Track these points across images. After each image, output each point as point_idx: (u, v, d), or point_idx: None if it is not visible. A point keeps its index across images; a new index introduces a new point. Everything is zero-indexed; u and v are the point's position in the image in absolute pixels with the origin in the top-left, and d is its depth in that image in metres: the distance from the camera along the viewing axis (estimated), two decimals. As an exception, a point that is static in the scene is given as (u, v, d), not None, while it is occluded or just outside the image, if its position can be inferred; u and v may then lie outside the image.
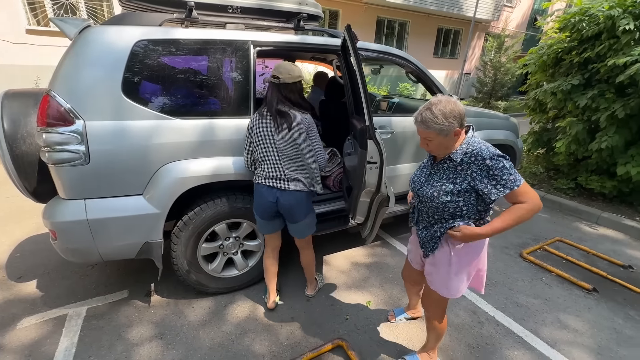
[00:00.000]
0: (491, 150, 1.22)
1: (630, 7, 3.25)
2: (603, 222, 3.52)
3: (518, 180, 1.18)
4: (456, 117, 1.20)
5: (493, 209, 1.66)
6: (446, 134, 1.21)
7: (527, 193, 1.19)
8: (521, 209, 1.19)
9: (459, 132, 1.23)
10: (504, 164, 1.18)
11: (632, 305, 2.28)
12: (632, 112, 3.23)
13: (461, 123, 1.21)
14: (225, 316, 2.05)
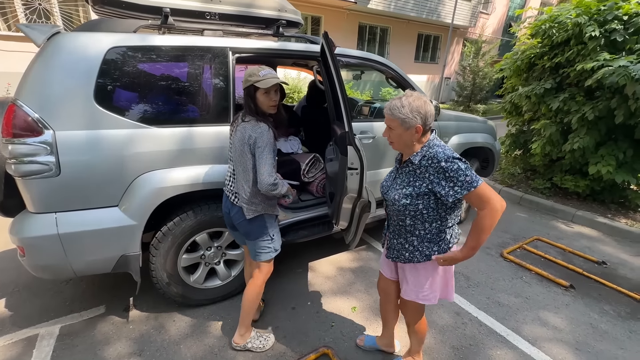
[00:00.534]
0: (447, 153, 1.23)
1: (595, 14, 3.43)
2: (578, 220, 3.66)
3: (475, 182, 1.17)
4: (421, 114, 1.22)
5: None
6: (407, 127, 1.23)
7: (485, 194, 1.18)
8: (484, 219, 1.19)
9: (420, 129, 1.23)
10: (459, 166, 1.19)
11: (607, 300, 2.37)
12: (601, 114, 3.39)
13: (424, 122, 1.23)
14: (208, 329, 1.99)
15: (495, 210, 1.18)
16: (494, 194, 1.20)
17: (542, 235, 3.29)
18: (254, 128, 1.50)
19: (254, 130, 1.50)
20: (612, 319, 2.18)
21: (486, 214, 1.18)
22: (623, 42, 3.24)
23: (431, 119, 1.26)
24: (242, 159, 1.54)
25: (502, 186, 4.48)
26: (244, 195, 1.57)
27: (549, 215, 3.84)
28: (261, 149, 1.49)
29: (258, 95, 1.52)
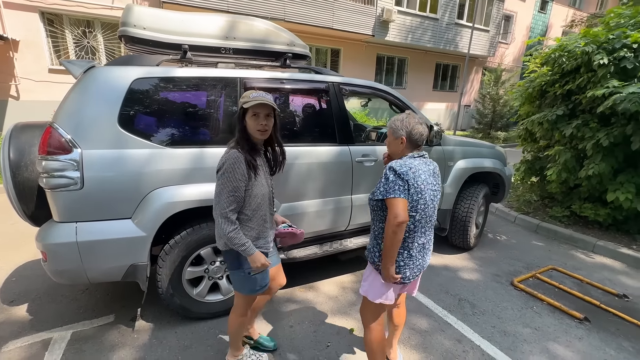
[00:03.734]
0: (395, 164, 1.40)
1: (604, 43, 3.45)
2: (599, 251, 3.46)
3: (390, 193, 1.35)
4: (407, 129, 1.44)
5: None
6: (395, 136, 1.47)
7: (391, 206, 1.34)
8: (385, 227, 1.36)
9: (404, 140, 1.44)
10: (388, 176, 1.38)
11: (626, 335, 2.21)
12: (616, 140, 3.30)
13: (409, 136, 1.44)
14: (207, 341, 2.05)
15: (389, 221, 1.34)
16: (399, 210, 1.32)
17: (558, 265, 3.15)
18: (225, 153, 1.44)
19: (224, 155, 1.43)
20: (631, 356, 2.02)
21: (387, 223, 1.35)
22: (634, 69, 3.21)
23: (418, 136, 1.44)
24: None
25: (517, 213, 4.35)
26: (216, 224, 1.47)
27: (568, 245, 3.66)
28: (220, 175, 1.40)
29: (247, 118, 1.44)
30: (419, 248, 1.48)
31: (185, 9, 8.28)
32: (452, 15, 13.12)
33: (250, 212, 1.49)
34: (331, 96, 2.46)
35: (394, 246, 1.35)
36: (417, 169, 1.40)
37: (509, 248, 3.54)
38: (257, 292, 1.60)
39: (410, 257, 1.45)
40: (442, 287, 2.72)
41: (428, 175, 1.45)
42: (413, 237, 1.44)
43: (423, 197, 1.40)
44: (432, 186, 1.46)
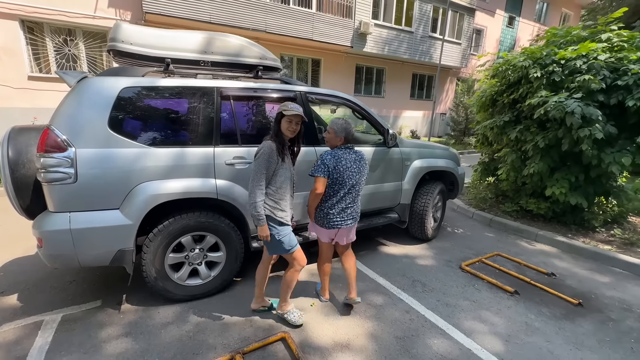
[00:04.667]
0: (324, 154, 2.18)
1: (538, 59, 3.98)
2: (540, 239, 3.94)
3: (315, 172, 2.14)
4: (346, 132, 2.20)
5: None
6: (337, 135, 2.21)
7: (315, 182, 2.13)
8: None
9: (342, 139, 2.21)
10: (318, 161, 2.17)
11: (546, 304, 2.62)
12: (550, 142, 3.81)
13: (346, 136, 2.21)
14: (187, 318, 2.31)
15: (312, 190, 2.16)
16: (318, 184, 2.13)
17: (503, 252, 3.58)
18: (262, 142, 1.99)
19: (262, 144, 1.98)
20: (546, 319, 2.43)
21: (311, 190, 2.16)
22: (561, 81, 3.74)
23: (350, 137, 2.24)
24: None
25: (475, 209, 4.81)
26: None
27: (515, 235, 4.13)
28: (257, 157, 1.94)
29: (283, 121, 2.01)
30: (339, 210, 2.24)
31: (168, 19, 8.54)
32: (426, 28, 13.89)
33: (275, 189, 2.02)
34: (298, 103, 2.81)
35: (312, 206, 2.25)
36: (341, 157, 2.17)
37: (463, 239, 3.96)
38: (293, 250, 2.11)
39: (330, 214, 2.23)
40: (399, 271, 3.08)
41: (350, 162, 2.21)
42: (333, 201, 2.22)
43: (341, 176, 2.17)
44: (353, 169, 2.21)
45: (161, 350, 2.00)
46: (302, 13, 10.45)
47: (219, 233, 2.49)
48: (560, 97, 3.44)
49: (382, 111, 14.66)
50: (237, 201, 2.50)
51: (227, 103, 2.53)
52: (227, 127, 2.53)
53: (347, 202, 2.24)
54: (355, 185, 2.25)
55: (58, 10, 7.58)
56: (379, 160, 3.22)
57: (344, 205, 2.24)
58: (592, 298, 2.74)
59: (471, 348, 2.09)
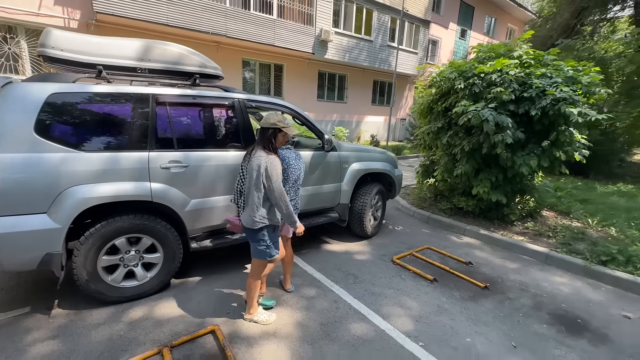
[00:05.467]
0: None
1: (463, 72, 4.46)
2: (468, 233, 4.38)
3: None
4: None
5: None
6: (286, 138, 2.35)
7: None
8: None
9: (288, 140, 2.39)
10: None
11: (459, 289, 2.98)
12: (474, 147, 4.28)
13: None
14: (120, 318, 2.37)
15: None
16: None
17: (433, 245, 3.95)
18: (265, 157, 2.12)
19: (266, 159, 2.11)
20: (455, 301, 2.77)
21: None
22: (480, 92, 4.23)
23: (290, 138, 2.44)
24: (256, 183, 2.12)
25: (416, 208, 5.22)
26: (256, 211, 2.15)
27: (447, 231, 4.55)
28: (272, 174, 2.08)
29: (279, 136, 2.20)
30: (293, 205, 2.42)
31: (121, 20, 8.31)
32: (385, 38, 14.57)
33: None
34: (236, 110, 2.97)
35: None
36: (285, 156, 2.38)
37: (401, 235, 4.30)
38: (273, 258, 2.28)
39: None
40: (335, 266, 3.32)
41: (293, 159, 2.41)
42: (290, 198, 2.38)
43: (286, 172, 2.33)
44: (295, 165, 2.39)
45: (88, 349, 2.05)
46: (263, 19, 10.59)
47: (155, 235, 2.58)
48: (477, 107, 3.90)
49: (345, 116, 15.13)
50: (173, 203, 2.60)
51: (163, 109, 2.63)
52: (163, 132, 2.63)
53: (291, 196, 2.45)
54: (297, 180, 2.49)
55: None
56: (318, 163, 3.45)
57: (289, 198, 2.39)
58: (498, 282, 3.14)
59: (385, 329, 2.36)
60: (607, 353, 2.22)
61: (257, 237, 2.22)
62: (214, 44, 10.53)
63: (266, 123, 2.21)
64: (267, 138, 2.19)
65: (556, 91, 3.71)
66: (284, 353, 2.10)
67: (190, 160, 2.68)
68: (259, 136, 2.26)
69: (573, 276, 3.31)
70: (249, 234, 2.27)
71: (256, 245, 2.25)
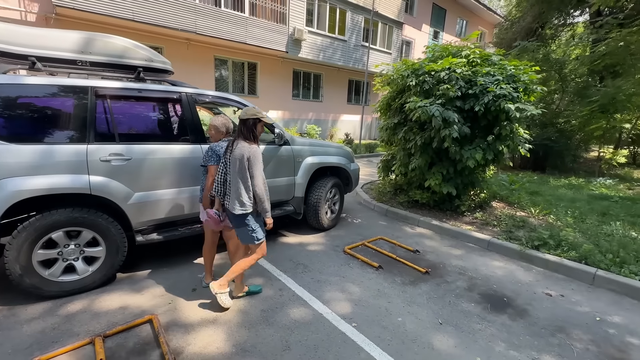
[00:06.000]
0: (212, 145, 2.52)
1: (416, 70, 4.66)
2: (421, 224, 4.58)
3: (207, 162, 2.50)
4: (227, 127, 2.63)
5: None
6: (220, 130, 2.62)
7: (208, 170, 2.48)
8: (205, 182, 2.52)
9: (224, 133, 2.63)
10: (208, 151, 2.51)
11: (401, 274, 3.13)
12: (426, 141, 4.47)
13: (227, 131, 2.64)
14: (56, 312, 2.35)
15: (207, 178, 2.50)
16: (213, 172, 2.45)
17: (387, 236, 4.11)
18: (247, 147, 2.22)
19: (248, 149, 2.22)
20: (396, 285, 2.92)
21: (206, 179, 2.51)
22: (431, 89, 4.43)
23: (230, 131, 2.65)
24: (241, 171, 2.23)
25: (376, 202, 5.39)
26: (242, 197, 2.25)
27: (403, 222, 4.74)
28: (254, 161, 2.21)
29: (258, 126, 2.35)
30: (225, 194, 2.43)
31: (83, 15, 8.05)
32: (359, 38, 14.80)
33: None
34: (184, 104, 3.00)
35: (208, 189, 2.48)
36: (222, 147, 2.47)
37: (358, 227, 4.44)
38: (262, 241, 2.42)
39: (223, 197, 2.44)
40: (287, 257, 3.40)
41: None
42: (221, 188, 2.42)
43: (227, 164, 2.38)
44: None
45: (17, 342, 2.03)
46: (235, 16, 10.52)
47: (96, 228, 2.57)
48: (424, 103, 4.09)
49: (321, 115, 15.26)
50: (114, 196, 2.60)
51: (104, 102, 2.63)
52: (103, 125, 2.63)
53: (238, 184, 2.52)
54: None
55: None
56: (270, 157, 3.52)
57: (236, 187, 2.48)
58: (440, 267, 3.33)
59: (323, 313, 2.46)
60: (523, 326, 2.42)
61: (243, 222, 2.33)
62: (184, 41, 10.38)
63: (245, 115, 2.32)
64: (249, 128, 2.31)
65: (496, 88, 3.95)
66: (219, 337, 2.16)
67: (133, 153, 2.69)
68: (240, 127, 2.34)
69: (509, 260, 3.55)
70: (235, 220, 2.37)
71: (243, 230, 2.37)
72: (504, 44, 13.57)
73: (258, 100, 12.72)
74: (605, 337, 2.34)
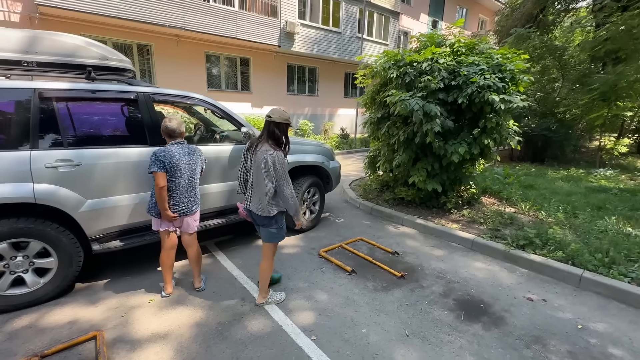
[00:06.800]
0: (155, 150, 2.37)
1: (397, 61, 4.42)
2: (406, 223, 4.40)
3: (151, 168, 2.33)
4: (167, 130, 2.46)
5: None
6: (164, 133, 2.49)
7: (154, 177, 2.32)
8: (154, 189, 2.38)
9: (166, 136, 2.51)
10: (152, 157, 2.35)
11: (374, 279, 2.97)
12: (409, 136, 4.26)
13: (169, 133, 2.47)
14: (3, 328, 2.23)
15: (155, 185, 2.33)
16: (159, 179, 2.31)
17: (368, 236, 3.94)
18: (271, 152, 2.21)
19: (271, 154, 2.20)
20: (367, 292, 2.76)
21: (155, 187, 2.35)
22: (412, 81, 4.21)
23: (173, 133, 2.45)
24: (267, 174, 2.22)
25: (362, 200, 5.21)
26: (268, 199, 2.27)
27: (387, 221, 4.56)
28: (279, 166, 2.21)
29: (288, 131, 2.36)
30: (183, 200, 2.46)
31: (67, 13, 7.91)
32: (354, 29, 14.45)
33: None
34: (140, 104, 2.83)
35: (161, 200, 2.35)
36: (174, 152, 2.39)
37: (340, 227, 4.28)
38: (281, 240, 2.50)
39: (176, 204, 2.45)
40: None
41: (182, 155, 2.43)
42: (177, 193, 2.43)
43: (179, 169, 2.39)
44: (186, 162, 2.43)
45: (-50, 363, 1.92)
46: (224, 11, 10.29)
47: (45, 238, 2.44)
48: (403, 96, 3.88)
49: (317, 109, 15.02)
50: (63, 204, 2.46)
51: (49, 105, 2.47)
52: (48, 129, 2.47)
53: (188, 192, 2.50)
54: (192, 175, 2.51)
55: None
56: (239, 158, 3.36)
57: (186, 195, 2.48)
58: (417, 270, 3.16)
59: (282, 325, 2.32)
60: (496, 336, 2.25)
61: (270, 222, 2.36)
62: (173, 38, 10.18)
63: (280, 118, 2.28)
64: (282, 132, 2.31)
65: (480, 79, 3.72)
66: (166, 355, 2.03)
67: (84, 158, 2.55)
68: (271, 130, 2.29)
69: (493, 261, 3.37)
70: (261, 220, 2.38)
71: (269, 229, 2.39)
72: (504, 31, 13.15)
73: (252, 96, 12.54)
74: (585, 347, 2.16)
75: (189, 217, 2.55)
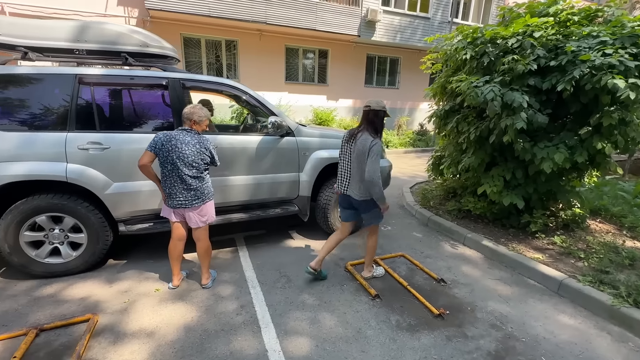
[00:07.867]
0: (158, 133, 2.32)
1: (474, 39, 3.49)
2: (467, 242, 3.50)
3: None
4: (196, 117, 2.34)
5: None
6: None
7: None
8: None
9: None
10: None
11: (402, 312, 2.34)
12: (482, 134, 3.35)
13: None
14: (31, 293, 2.44)
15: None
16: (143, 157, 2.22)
17: (413, 253, 3.25)
18: (371, 140, 2.30)
19: (371, 141, 2.30)
20: (387, 328, 2.17)
21: None
22: (492, 63, 3.24)
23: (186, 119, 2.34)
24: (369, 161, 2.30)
25: (419, 207, 4.42)
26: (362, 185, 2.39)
27: (445, 237, 3.72)
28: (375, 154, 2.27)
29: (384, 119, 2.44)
30: (180, 189, 2.31)
31: (171, 15, 8.93)
32: (446, 13, 12.88)
33: None
34: (171, 90, 2.80)
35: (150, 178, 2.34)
36: (173, 137, 2.23)
37: (384, 237, 3.66)
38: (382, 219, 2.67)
39: (172, 193, 2.32)
40: (277, 265, 2.95)
41: (179, 142, 2.23)
42: (172, 181, 2.28)
43: (170, 156, 2.22)
44: (179, 149, 2.22)
45: (-18, 318, 2.15)
46: (305, 2, 10.28)
47: (76, 215, 2.60)
48: (475, 81, 2.99)
49: (397, 103, 13.99)
50: (90, 185, 2.57)
51: (87, 90, 2.60)
52: (84, 113, 2.60)
53: (173, 188, 2.31)
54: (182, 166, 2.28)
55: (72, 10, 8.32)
56: (267, 150, 3.10)
57: (180, 187, 2.30)
58: (466, 310, 2.38)
59: (269, 349, 1.95)
60: None
61: (371, 206, 2.47)
62: (256, 32, 10.66)
63: (378, 106, 2.36)
64: (381, 120, 2.40)
65: (595, 55, 2.60)
66: (140, 356, 1.89)
67: (113, 141, 2.62)
68: (370, 119, 2.38)
69: (589, 318, 2.33)
70: (362, 205, 2.48)
71: (370, 212, 2.52)
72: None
73: (327, 88, 12.37)
74: None
75: (191, 212, 2.38)
